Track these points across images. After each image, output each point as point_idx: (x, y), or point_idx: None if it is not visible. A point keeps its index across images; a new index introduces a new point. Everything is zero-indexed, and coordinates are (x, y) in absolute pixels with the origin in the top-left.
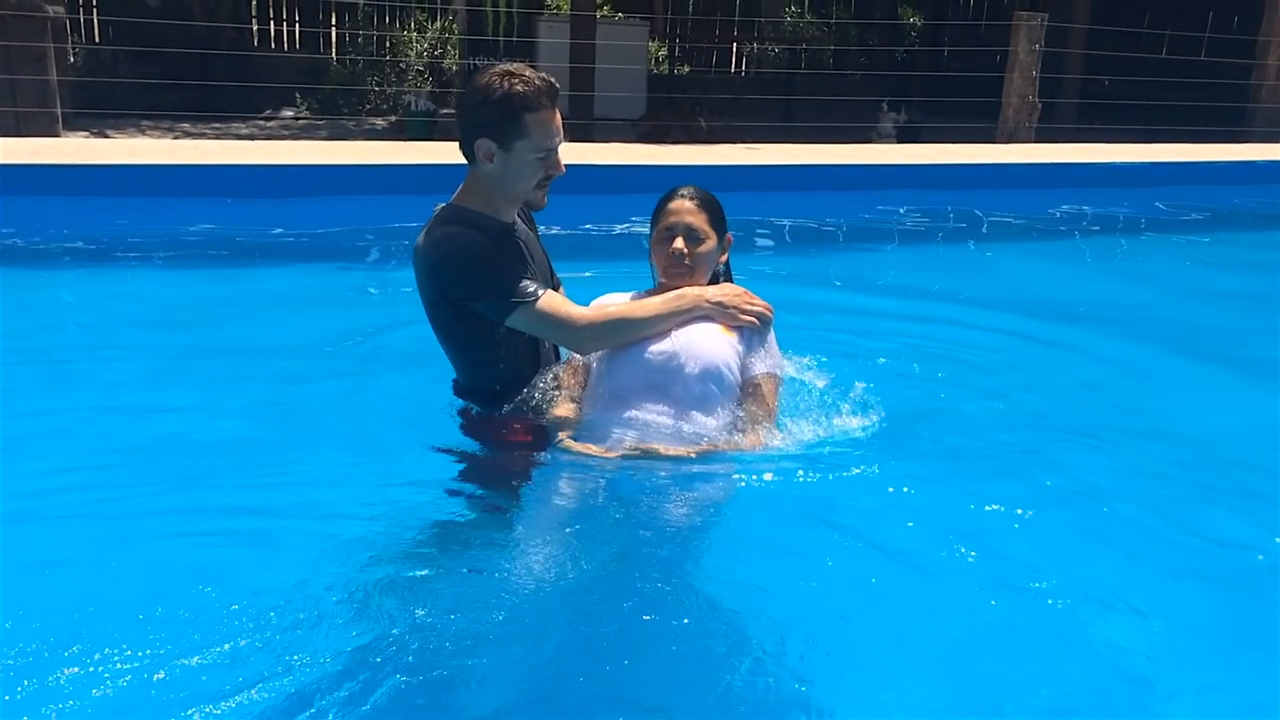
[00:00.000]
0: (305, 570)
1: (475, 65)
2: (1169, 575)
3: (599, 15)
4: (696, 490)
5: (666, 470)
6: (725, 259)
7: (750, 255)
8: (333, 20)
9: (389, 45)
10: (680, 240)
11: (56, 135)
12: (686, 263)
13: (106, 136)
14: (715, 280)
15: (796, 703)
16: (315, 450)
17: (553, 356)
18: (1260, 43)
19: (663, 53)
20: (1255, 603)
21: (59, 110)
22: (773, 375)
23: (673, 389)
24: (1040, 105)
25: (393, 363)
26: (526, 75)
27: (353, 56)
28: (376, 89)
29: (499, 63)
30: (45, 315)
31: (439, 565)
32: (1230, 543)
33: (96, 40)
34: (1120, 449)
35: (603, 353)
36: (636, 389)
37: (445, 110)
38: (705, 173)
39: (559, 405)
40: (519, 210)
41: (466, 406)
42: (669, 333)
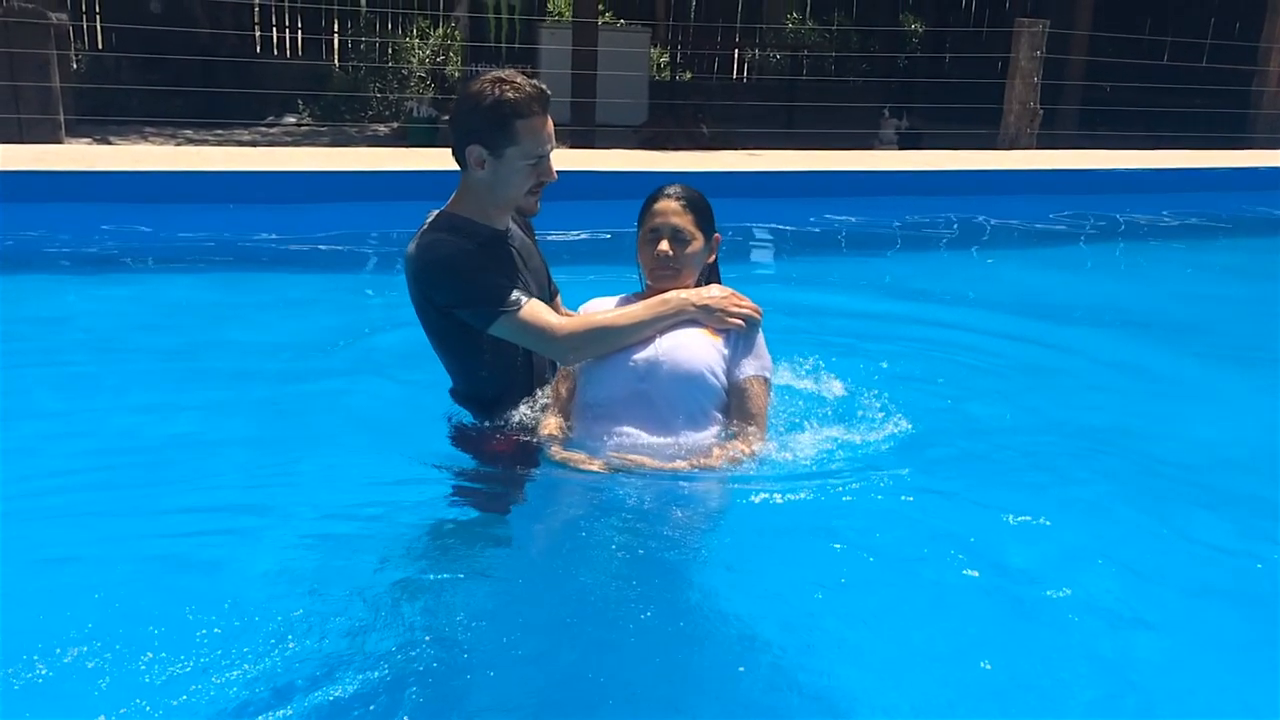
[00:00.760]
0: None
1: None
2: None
3: (601, 22)
4: (688, 500)
5: (657, 481)
6: (714, 259)
7: (752, 261)
8: (335, 27)
9: (391, 52)
10: (665, 242)
11: (59, 142)
12: (672, 265)
13: (109, 143)
14: (704, 281)
15: (800, 709)
16: (316, 454)
17: (548, 364)
18: (1262, 49)
19: (664, 59)
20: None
21: (62, 117)
22: (761, 378)
23: (656, 398)
24: (1042, 112)
25: (393, 367)
26: (517, 82)
27: (355, 63)
28: (379, 95)
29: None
30: (48, 321)
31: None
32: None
33: (99, 47)
34: (1122, 452)
35: (587, 362)
36: (620, 399)
37: (447, 117)
38: (707, 179)
39: (547, 417)
40: (518, 216)
41: (459, 421)
42: (652, 340)
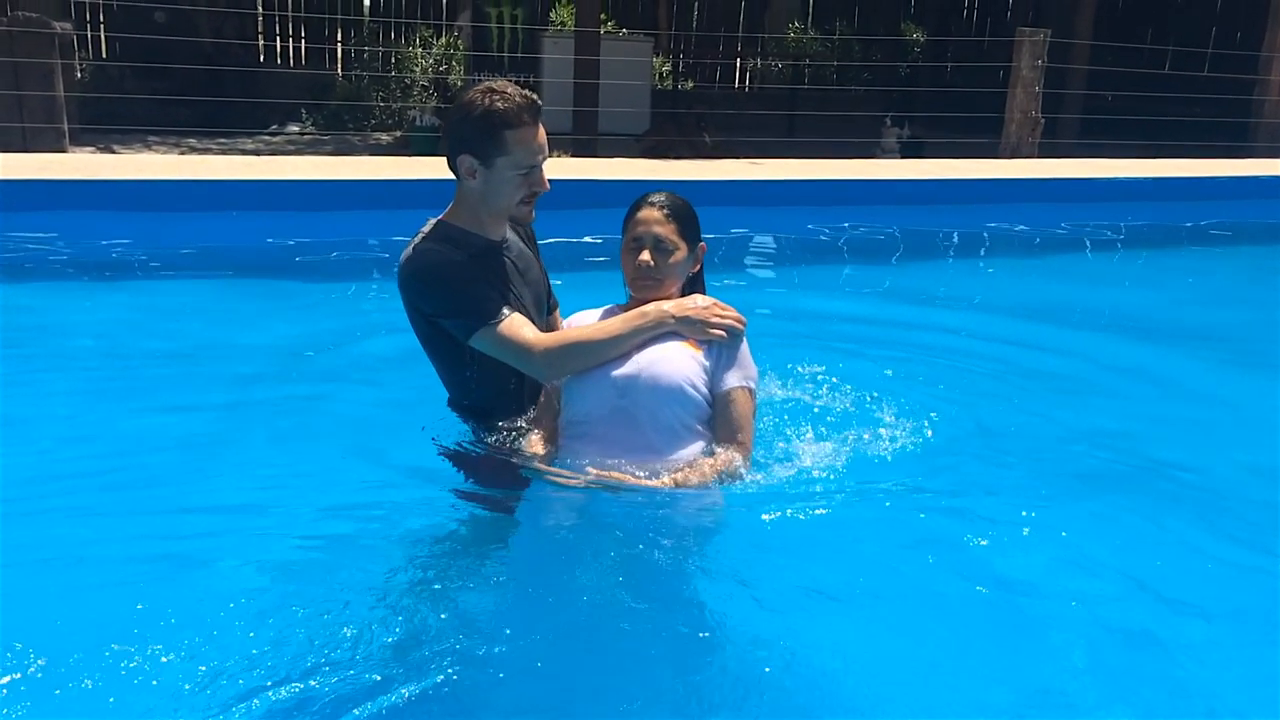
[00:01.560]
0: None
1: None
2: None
3: (603, 31)
4: (684, 512)
5: (650, 494)
6: (699, 269)
7: (754, 269)
8: (338, 36)
9: (394, 61)
10: (647, 252)
11: (63, 151)
12: (654, 275)
13: (113, 152)
14: (688, 291)
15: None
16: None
17: None
18: (1263, 58)
19: (666, 68)
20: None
21: (66, 126)
22: (745, 388)
23: (636, 413)
24: (1043, 121)
25: (394, 373)
26: (508, 92)
27: (358, 72)
28: (381, 104)
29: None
30: (52, 328)
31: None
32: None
33: (104, 56)
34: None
35: (568, 379)
36: (601, 416)
37: None
38: (708, 187)
39: (532, 433)
40: (519, 226)
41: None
42: (631, 355)
